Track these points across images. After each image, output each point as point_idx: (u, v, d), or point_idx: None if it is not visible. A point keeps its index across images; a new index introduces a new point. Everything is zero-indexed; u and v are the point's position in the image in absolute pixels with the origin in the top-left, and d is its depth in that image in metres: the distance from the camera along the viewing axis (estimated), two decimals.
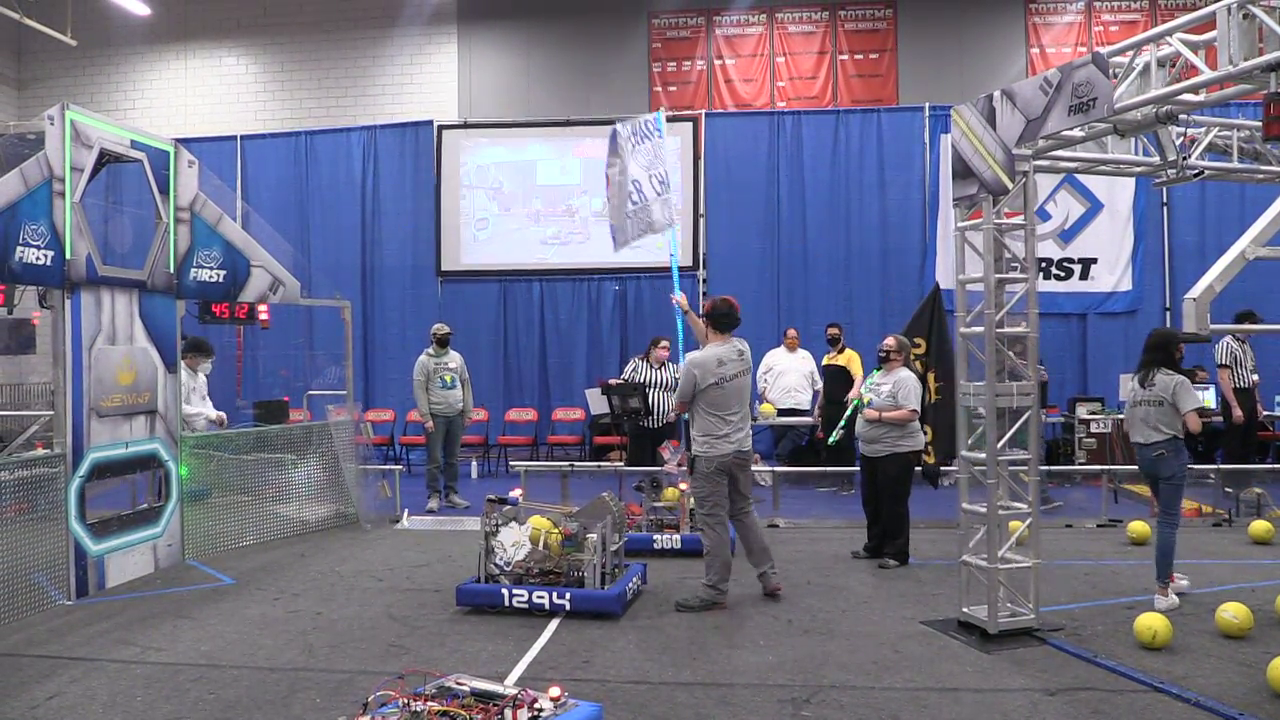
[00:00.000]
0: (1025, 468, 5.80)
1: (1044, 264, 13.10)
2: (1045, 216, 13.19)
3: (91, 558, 6.94)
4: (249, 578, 7.42)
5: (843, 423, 7.64)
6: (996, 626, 5.59)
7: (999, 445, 5.63)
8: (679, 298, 7.59)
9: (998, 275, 5.68)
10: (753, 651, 5.52)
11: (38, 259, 6.46)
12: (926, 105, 13.85)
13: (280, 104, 16.87)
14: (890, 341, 7.90)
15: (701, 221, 14.25)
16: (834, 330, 11.31)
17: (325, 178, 15.15)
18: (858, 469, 7.74)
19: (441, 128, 14.85)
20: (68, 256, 6.70)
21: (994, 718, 4.52)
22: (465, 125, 15.04)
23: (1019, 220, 5.76)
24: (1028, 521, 5.78)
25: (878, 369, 7.89)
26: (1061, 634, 5.70)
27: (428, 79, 16.35)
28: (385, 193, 15.00)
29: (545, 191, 14.59)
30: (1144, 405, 6.34)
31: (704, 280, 14.20)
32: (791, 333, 11.89)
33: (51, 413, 7.05)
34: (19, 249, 6.29)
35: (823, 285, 13.88)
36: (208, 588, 7.17)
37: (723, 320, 6.55)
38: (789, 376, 11.49)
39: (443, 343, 10.43)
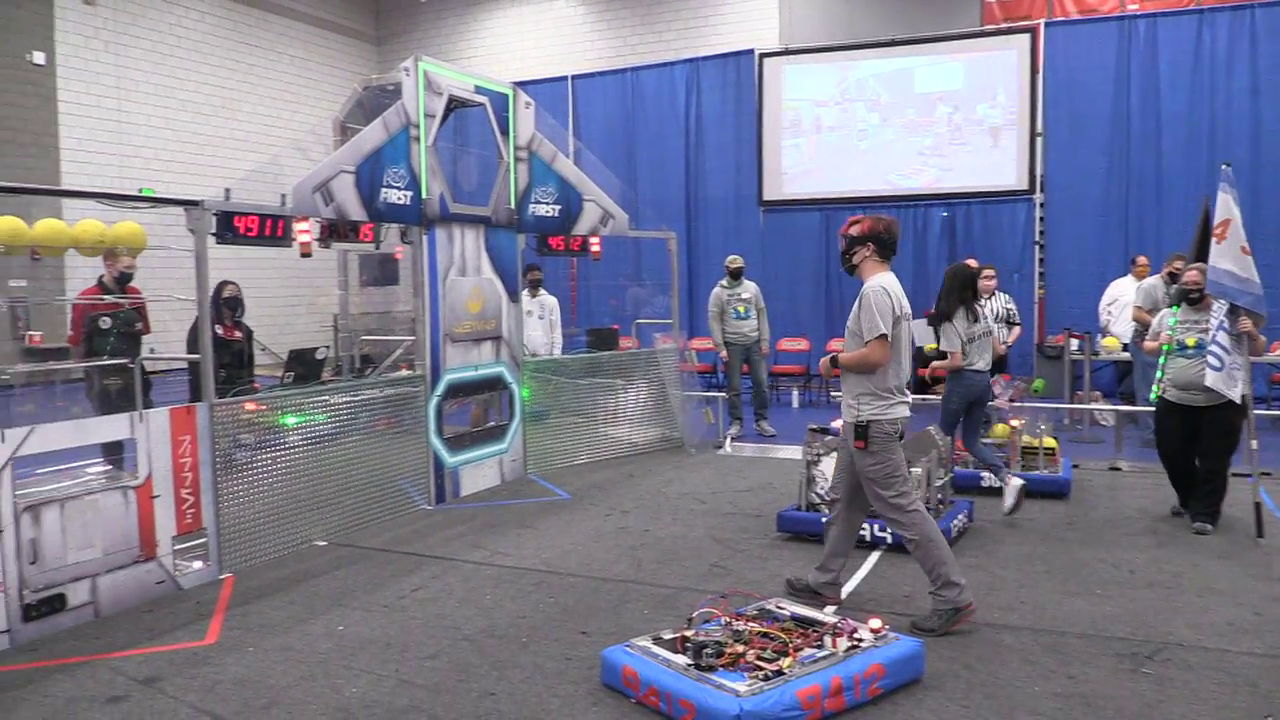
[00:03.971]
0: None
1: None
2: None
3: (448, 469, 7.68)
4: (583, 494, 7.91)
5: (1160, 373, 6.62)
6: None
7: None
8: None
9: None
10: (1088, 600, 5.18)
11: (399, 199, 7.12)
12: None
13: (607, 42, 17.45)
14: (1197, 275, 6.59)
15: (1039, 141, 13.26)
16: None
17: (650, 112, 15.53)
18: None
19: (763, 55, 14.74)
20: (424, 196, 7.33)
21: None
22: (786, 52, 14.83)
23: None
24: None
25: (1176, 306, 6.73)
26: None
27: (748, 7, 16.27)
28: (708, 124, 15.16)
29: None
30: (984, 337, 7.15)
31: (1041, 205, 13.27)
32: (1142, 260, 10.82)
33: (413, 338, 7.80)
34: (383, 190, 6.95)
35: (1178, 206, 12.47)
36: (546, 501, 7.72)
37: (891, 244, 5.09)
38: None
39: (735, 274, 10.47)
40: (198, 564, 5.66)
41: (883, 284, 4.89)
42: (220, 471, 5.75)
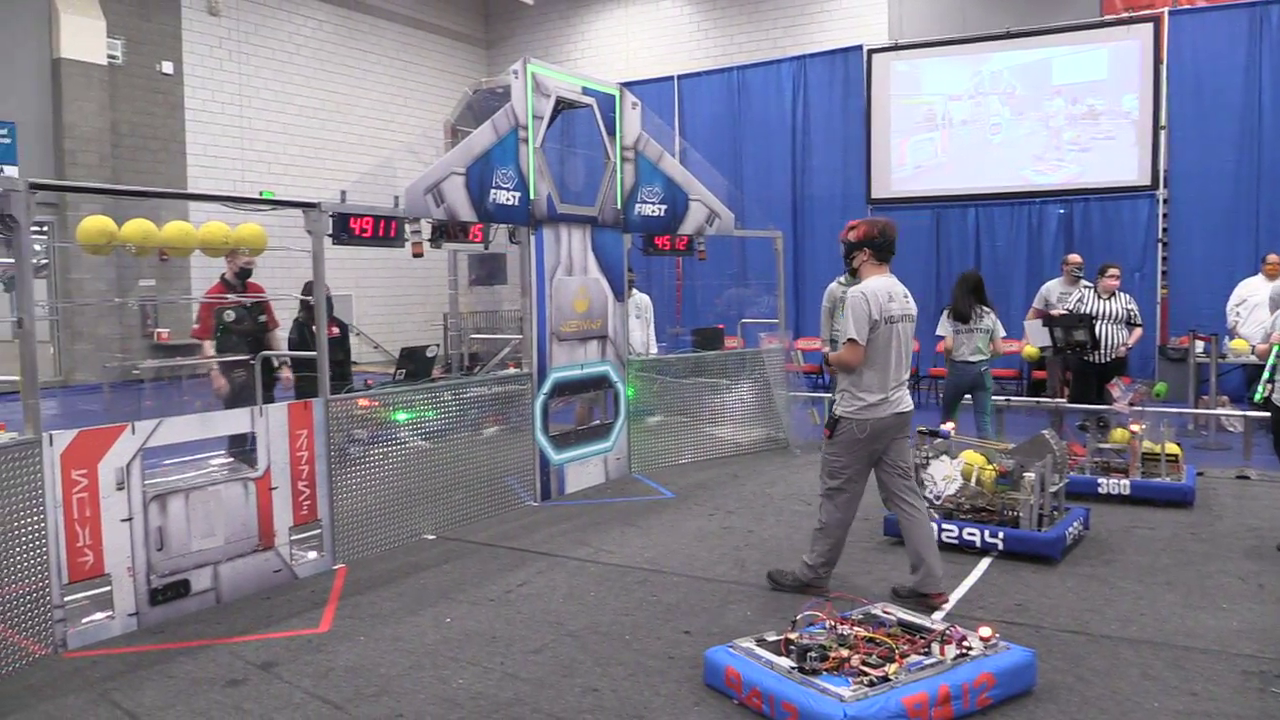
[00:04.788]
0: None
1: None
2: None
3: (553, 466, 7.76)
4: (687, 493, 7.90)
5: (1267, 374, 6.22)
6: None
7: None
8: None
9: None
10: (1213, 614, 4.96)
11: (508, 200, 7.22)
12: None
13: (713, 42, 17.42)
14: None
15: (1163, 135, 12.75)
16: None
17: (756, 110, 15.46)
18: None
19: (871, 51, 14.51)
20: (532, 197, 7.42)
21: None
22: (896, 47, 14.57)
23: None
24: None
25: None
26: None
27: (857, 2, 16.05)
28: (815, 121, 15.00)
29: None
30: (977, 332, 8.23)
31: (1164, 201, 12.75)
32: (1273, 258, 10.31)
33: (520, 337, 7.90)
34: (493, 192, 7.06)
35: None
36: (650, 499, 7.74)
37: (887, 247, 5.44)
38: (1267, 309, 9.93)
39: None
40: (312, 554, 5.84)
41: (864, 290, 5.19)
42: (335, 465, 5.92)
